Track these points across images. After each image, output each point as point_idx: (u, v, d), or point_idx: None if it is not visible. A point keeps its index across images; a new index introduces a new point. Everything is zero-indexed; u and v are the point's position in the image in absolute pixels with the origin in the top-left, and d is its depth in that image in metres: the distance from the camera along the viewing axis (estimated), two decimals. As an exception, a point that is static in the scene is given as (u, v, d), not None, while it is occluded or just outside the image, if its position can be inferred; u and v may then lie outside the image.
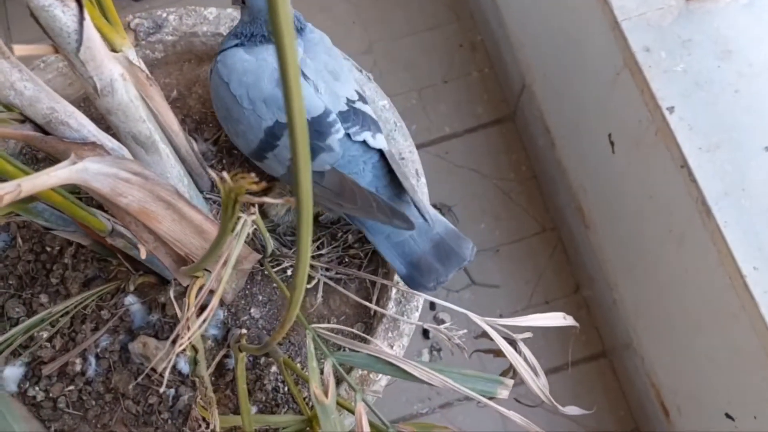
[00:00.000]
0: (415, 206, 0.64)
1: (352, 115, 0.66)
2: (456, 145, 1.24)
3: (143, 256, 0.52)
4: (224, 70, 0.66)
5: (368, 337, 0.61)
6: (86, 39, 0.36)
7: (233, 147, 0.78)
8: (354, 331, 0.56)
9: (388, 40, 1.30)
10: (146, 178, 0.43)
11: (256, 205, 0.57)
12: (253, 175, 0.32)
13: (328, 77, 0.67)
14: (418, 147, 1.22)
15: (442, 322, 1.14)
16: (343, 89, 0.67)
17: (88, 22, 0.36)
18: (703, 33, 0.76)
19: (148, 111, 0.46)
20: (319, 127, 0.63)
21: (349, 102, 0.67)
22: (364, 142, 0.65)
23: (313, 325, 0.52)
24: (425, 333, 1.13)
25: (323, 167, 0.64)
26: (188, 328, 0.52)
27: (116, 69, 0.40)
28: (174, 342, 0.65)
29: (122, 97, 0.42)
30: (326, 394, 0.44)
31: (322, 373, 0.48)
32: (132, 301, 0.72)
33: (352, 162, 0.64)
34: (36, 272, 0.73)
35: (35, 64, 0.76)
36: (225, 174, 0.32)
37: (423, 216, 0.64)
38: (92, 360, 0.71)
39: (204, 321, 0.43)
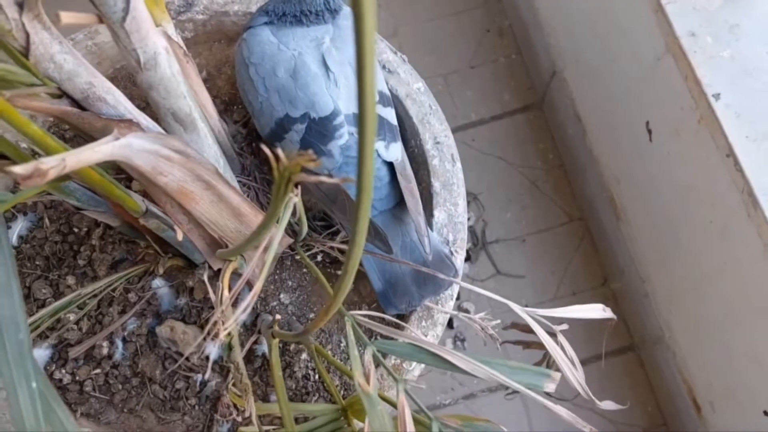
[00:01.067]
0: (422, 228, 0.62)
1: None
2: (482, 133, 1.22)
3: (180, 238, 0.51)
4: (247, 51, 0.64)
5: (404, 324, 0.60)
6: (132, 8, 0.34)
7: (263, 129, 0.76)
8: (392, 318, 0.55)
9: (414, 24, 1.28)
10: (188, 156, 0.42)
11: (299, 187, 0.56)
12: (310, 151, 0.30)
13: (350, 73, 0.64)
14: (444, 134, 1.21)
15: (466, 311, 1.12)
16: None
17: (135, -10, 0.34)
18: (752, 18, 0.73)
19: (189, 87, 0.44)
20: (323, 129, 0.60)
21: None
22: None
23: (352, 312, 0.50)
24: (449, 323, 1.12)
25: (321, 170, 0.61)
26: (223, 313, 0.51)
27: (160, 42, 0.38)
28: (204, 327, 0.63)
29: (165, 72, 0.40)
30: (369, 382, 0.43)
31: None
32: (159, 285, 0.70)
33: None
34: (63, 253, 0.72)
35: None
36: (280, 150, 0.30)
37: (421, 240, 0.61)
38: (119, 343, 0.69)
39: (246, 307, 0.41)
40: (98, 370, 0.69)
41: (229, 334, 0.49)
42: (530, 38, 1.19)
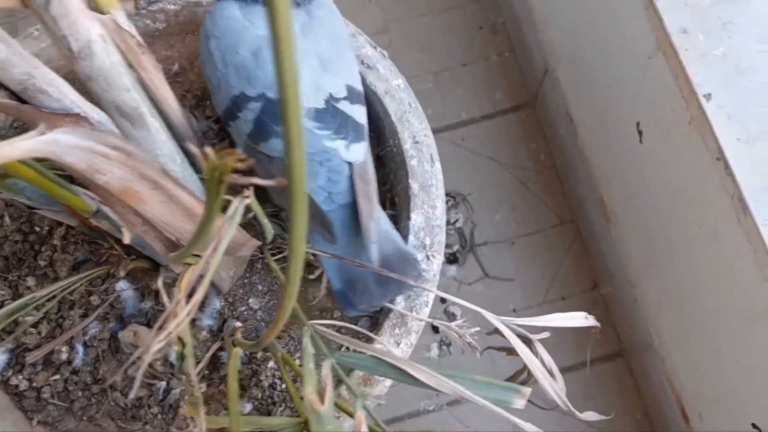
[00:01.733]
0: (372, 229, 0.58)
1: (328, 115, 0.59)
2: (473, 132, 1.19)
3: (126, 240, 0.48)
4: (210, 24, 0.61)
5: (372, 335, 0.57)
6: (56, -9, 0.32)
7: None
8: (356, 328, 0.52)
9: (404, 19, 1.25)
10: (128, 153, 0.39)
11: (252, 188, 0.53)
12: (240, 151, 0.27)
13: (316, 65, 0.60)
14: (433, 132, 1.17)
15: (453, 316, 1.09)
16: (329, 82, 0.60)
17: (57, -28, 0.31)
18: (746, 15, 0.70)
19: (135, 80, 0.41)
20: (279, 110, 0.57)
21: (332, 99, 0.60)
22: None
23: (313, 321, 0.47)
24: (435, 326, 1.09)
25: (273, 152, 0.58)
26: (176, 319, 0.48)
27: (94, 29, 0.35)
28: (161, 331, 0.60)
29: (103, 61, 0.37)
30: (323, 399, 0.40)
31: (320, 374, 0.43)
32: (124, 287, 0.67)
33: (311, 161, 0.58)
34: (23, 253, 0.69)
35: (28, 32, 0.72)
36: (208, 149, 0.27)
37: (368, 246, 0.57)
38: (80, 348, 0.67)
39: (188, 313, 0.38)
40: (57, 376, 0.66)
41: (181, 341, 0.46)
42: (523, 36, 1.16)
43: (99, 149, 0.37)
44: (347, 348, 0.49)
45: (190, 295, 0.60)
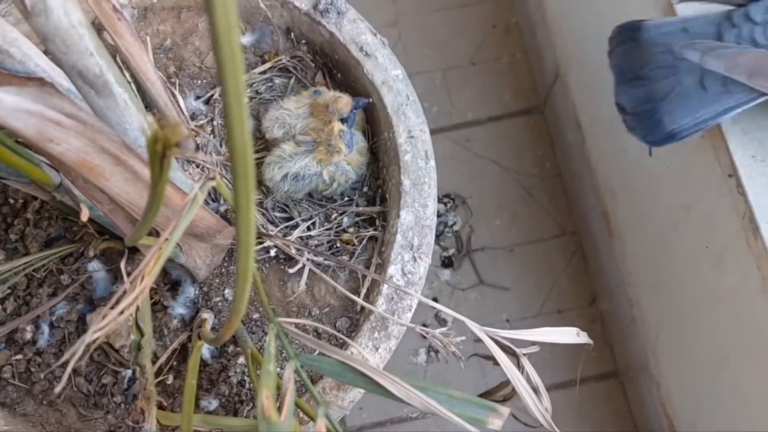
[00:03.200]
0: None
1: None
2: (478, 133, 1.15)
3: (84, 218, 0.44)
4: None
5: (347, 339, 0.53)
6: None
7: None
8: (329, 329, 0.48)
9: (416, 14, 1.21)
10: (84, 122, 0.35)
11: (220, 169, 0.49)
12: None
13: None
14: (437, 131, 1.14)
15: (444, 321, 1.06)
16: None
17: None
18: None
19: (100, 44, 0.38)
20: None
21: None
22: None
23: (281, 320, 0.44)
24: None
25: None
26: (136, 307, 0.44)
27: (51, -18, 0.32)
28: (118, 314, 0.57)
29: (60, 20, 0.34)
30: (281, 405, 0.36)
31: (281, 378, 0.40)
32: (96, 268, 0.64)
33: None
34: (-5, 225, 0.66)
35: None
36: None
37: None
38: (45, 328, 0.64)
39: (139, 294, 0.35)
40: (19, 356, 0.63)
41: (139, 329, 0.43)
42: (536, 37, 1.12)
43: (50, 115, 0.33)
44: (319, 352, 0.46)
45: (172, 285, 0.56)
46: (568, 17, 0.99)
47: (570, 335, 0.61)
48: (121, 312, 0.33)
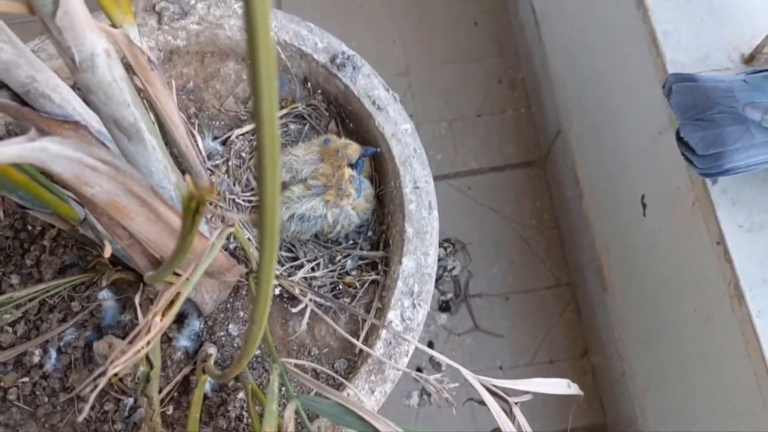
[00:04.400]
0: None
1: None
2: (480, 182, 1.19)
3: (107, 254, 0.47)
4: None
5: (344, 381, 0.55)
6: (64, 2, 0.32)
7: (242, 149, 0.74)
8: (328, 371, 0.51)
9: (426, 64, 1.26)
10: (117, 168, 0.38)
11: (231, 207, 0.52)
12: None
13: None
14: (441, 178, 1.18)
15: (438, 365, 1.08)
16: None
17: (68, -16, 0.31)
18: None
19: (136, 96, 0.41)
20: None
21: None
22: None
23: (284, 360, 0.46)
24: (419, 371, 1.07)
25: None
26: (148, 340, 0.47)
27: (100, 43, 0.35)
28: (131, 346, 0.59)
29: (104, 75, 0.37)
30: (281, 442, 0.39)
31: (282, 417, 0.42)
32: (106, 297, 0.67)
33: None
34: (12, 250, 0.69)
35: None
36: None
37: None
38: (53, 353, 0.66)
39: (157, 333, 0.38)
40: (26, 379, 0.65)
41: (149, 362, 0.45)
42: (540, 94, 1.16)
43: (88, 162, 0.36)
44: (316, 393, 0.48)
45: (178, 317, 0.59)
46: (570, 78, 1.03)
47: (561, 386, 0.63)
48: (140, 350, 0.36)
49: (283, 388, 0.50)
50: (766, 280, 0.63)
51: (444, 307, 1.12)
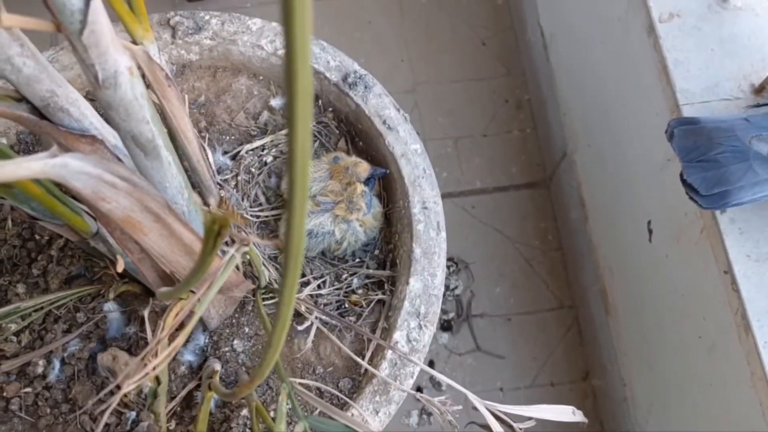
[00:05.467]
0: None
1: None
2: (484, 201, 1.19)
3: (119, 268, 0.47)
4: None
5: (349, 400, 0.55)
6: (91, 21, 0.32)
7: (252, 165, 0.74)
8: (333, 391, 0.50)
9: (433, 83, 1.27)
10: (135, 185, 0.38)
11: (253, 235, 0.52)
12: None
13: None
14: (445, 196, 1.18)
15: (439, 385, 1.07)
16: None
17: (96, 2, 0.31)
18: (770, 133, 0.70)
19: (155, 112, 0.41)
20: None
21: None
22: None
23: (292, 379, 0.46)
24: (419, 390, 1.06)
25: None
26: (156, 353, 0.47)
27: (123, 61, 0.36)
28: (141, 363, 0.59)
29: (126, 93, 0.37)
30: (289, 464, 0.38)
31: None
32: (111, 309, 0.67)
33: None
34: (19, 259, 0.69)
35: (64, 44, 0.73)
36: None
37: None
38: (57, 364, 0.65)
39: (169, 354, 0.37)
40: (29, 389, 0.65)
41: (156, 379, 0.45)
42: (547, 115, 1.17)
43: (107, 178, 0.36)
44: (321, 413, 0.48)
45: (175, 331, 0.59)
46: (577, 101, 1.04)
47: (566, 414, 0.63)
48: (152, 369, 0.36)
49: (289, 407, 0.50)
50: (773, 310, 0.63)
51: (446, 326, 1.11)
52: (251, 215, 0.71)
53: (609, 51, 0.91)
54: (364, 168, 0.70)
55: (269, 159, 0.74)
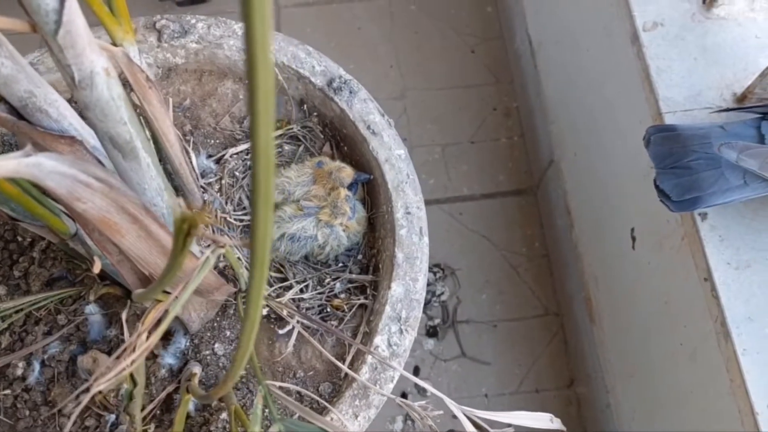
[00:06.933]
0: None
1: None
2: (471, 208, 1.19)
3: (96, 270, 0.47)
4: None
5: (328, 405, 0.55)
6: (67, 22, 0.32)
7: (236, 168, 0.74)
8: (312, 395, 0.50)
9: (422, 89, 1.27)
10: (110, 186, 0.39)
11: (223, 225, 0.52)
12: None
13: None
14: (433, 202, 1.18)
15: (424, 391, 1.07)
16: None
17: (71, 3, 0.31)
18: (751, 142, 0.70)
19: (133, 114, 0.41)
20: None
21: None
22: None
23: (269, 382, 0.46)
24: (404, 395, 1.06)
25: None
26: (133, 356, 0.47)
27: (99, 62, 0.36)
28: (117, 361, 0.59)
29: (102, 94, 0.37)
30: (263, 466, 0.38)
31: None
32: (92, 311, 0.66)
33: None
34: (0, 261, 0.68)
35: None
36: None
37: None
38: (37, 366, 0.65)
39: (143, 352, 0.37)
40: (8, 391, 0.64)
41: (132, 380, 0.45)
42: (534, 123, 1.18)
43: (82, 178, 0.36)
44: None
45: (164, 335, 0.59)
46: (564, 109, 1.05)
47: (544, 421, 0.63)
48: (124, 368, 0.36)
49: (267, 411, 0.50)
50: (752, 318, 0.63)
51: (431, 332, 1.11)
52: (234, 219, 0.71)
53: (595, 59, 0.92)
54: (347, 173, 0.70)
55: (254, 163, 0.74)
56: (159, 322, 0.65)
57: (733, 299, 0.64)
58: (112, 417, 0.63)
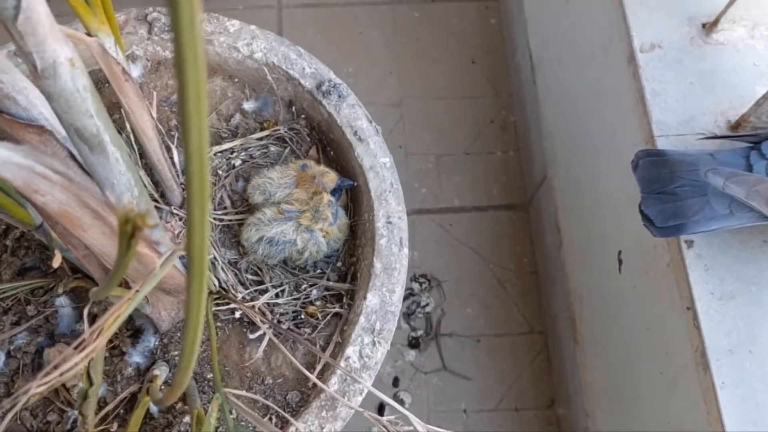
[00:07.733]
0: None
1: None
2: (461, 220, 1.18)
3: (55, 264, 0.46)
4: None
5: (291, 418, 0.54)
6: (26, 8, 0.31)
7: (219, 167, 0.73)
8: (274, 406, 0.49)
9: (420, 98, 1.26)
10: (70, 179, 0.37)
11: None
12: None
13: None
14: (423, 212, 1.17)
15: (403, 403, 1.06)
16: None
17: (31, -11, 0.30)
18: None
19: (101, 106, 0.40)
20: None
21: None
22: None
23: (229, 390, 0.45)
24: (381, 410, 1.05)
25: None
26: (92, 354, 0.45)
27: (63, 52, 0.35)
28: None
29: (66, 84, 0.36)
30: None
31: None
32: (63, 304, 0.65)
33: None
34: (-28, 247, 0.67)
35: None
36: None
37: None
38: (2, 356, 0.64)
39: (92, 350, 0.36)
40: (-30, 380, 0.63)
41: (89, 379, 0.43)
42: (530, 138, 1.16)
43: (39, 170, 0.35)
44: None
45: (135, 332, 0.57)
46: (560, 126, 1.03)
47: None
48: (74, 365, 0.34)
49: (233, 416, 0.49)
50: (733, 350, 0.62)
51: (413, 343, 1.10)
52: (214, 218, 0.70)
53: (592, 78, 0.91)
54: (331, 178, 0.69)
55: (238, 162, 0.73)
56: (131, 318, 0.64)
57: (714, 330, 0.63)
58: (74, 414, 0.62)
